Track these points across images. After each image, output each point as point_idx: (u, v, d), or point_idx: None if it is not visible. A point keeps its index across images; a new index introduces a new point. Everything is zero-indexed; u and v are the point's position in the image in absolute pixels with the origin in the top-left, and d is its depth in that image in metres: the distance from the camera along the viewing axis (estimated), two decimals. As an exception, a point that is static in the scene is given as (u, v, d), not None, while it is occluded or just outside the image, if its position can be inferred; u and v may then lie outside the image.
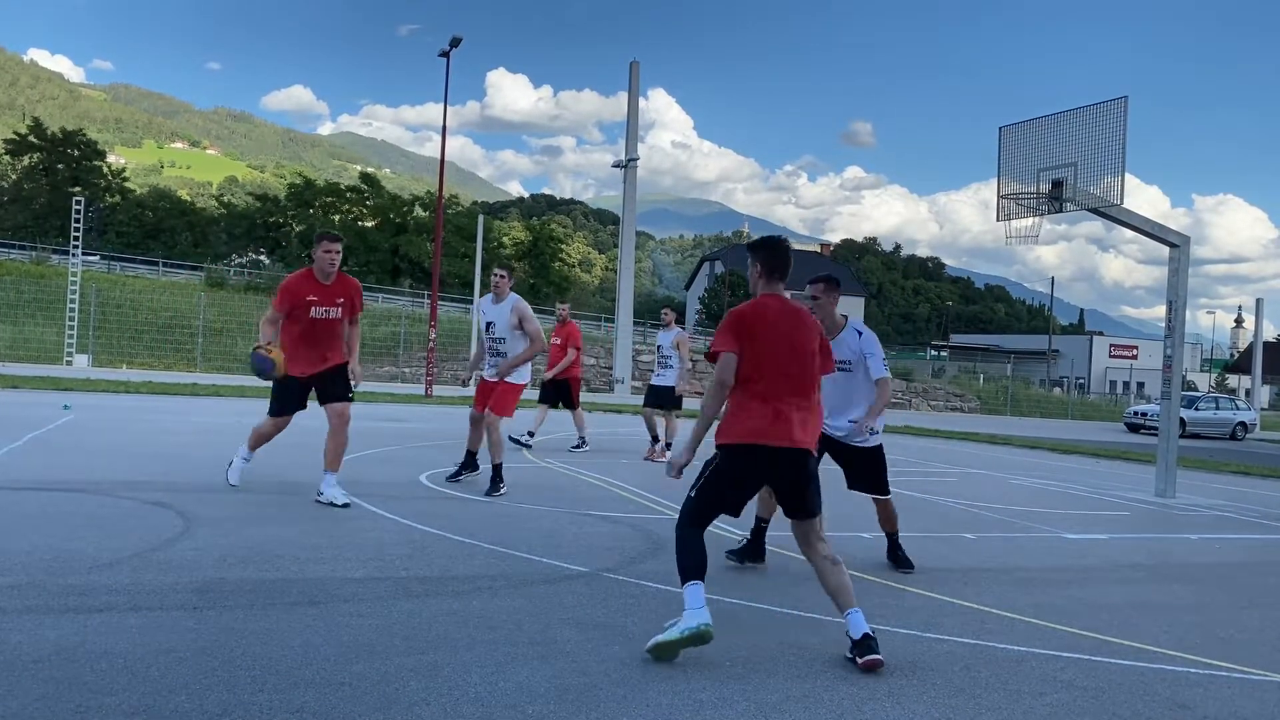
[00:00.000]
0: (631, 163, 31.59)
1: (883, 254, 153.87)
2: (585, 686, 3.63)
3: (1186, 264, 11.87)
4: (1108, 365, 75.82)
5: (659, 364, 12.29)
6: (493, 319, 8.41)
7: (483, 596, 4.88)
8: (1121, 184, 11.14)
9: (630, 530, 7.06)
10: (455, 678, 3.63)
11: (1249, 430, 35.12)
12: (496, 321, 8.37)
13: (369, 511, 7.15)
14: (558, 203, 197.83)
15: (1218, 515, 10.48)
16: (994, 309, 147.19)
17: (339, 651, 3.86)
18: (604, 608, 4.79)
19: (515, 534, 6.57)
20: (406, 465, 10.07)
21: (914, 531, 7.88)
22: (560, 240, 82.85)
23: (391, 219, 64.11)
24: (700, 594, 4.05)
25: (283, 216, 63.64)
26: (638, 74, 32.29)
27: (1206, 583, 6.58)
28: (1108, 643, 4.73)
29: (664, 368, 12.19)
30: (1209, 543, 8.45)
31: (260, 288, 41.69)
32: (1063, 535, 8.23)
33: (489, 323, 8.45)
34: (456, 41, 27.02)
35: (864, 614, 4.14)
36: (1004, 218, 12.17)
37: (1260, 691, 4.14)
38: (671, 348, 12.14)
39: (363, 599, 4.68)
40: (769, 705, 3.56)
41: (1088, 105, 11.39)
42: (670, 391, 12.06)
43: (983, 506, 9.73)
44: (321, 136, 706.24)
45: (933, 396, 42.87)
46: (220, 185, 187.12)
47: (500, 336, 8.35)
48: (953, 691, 3.84)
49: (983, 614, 5.17)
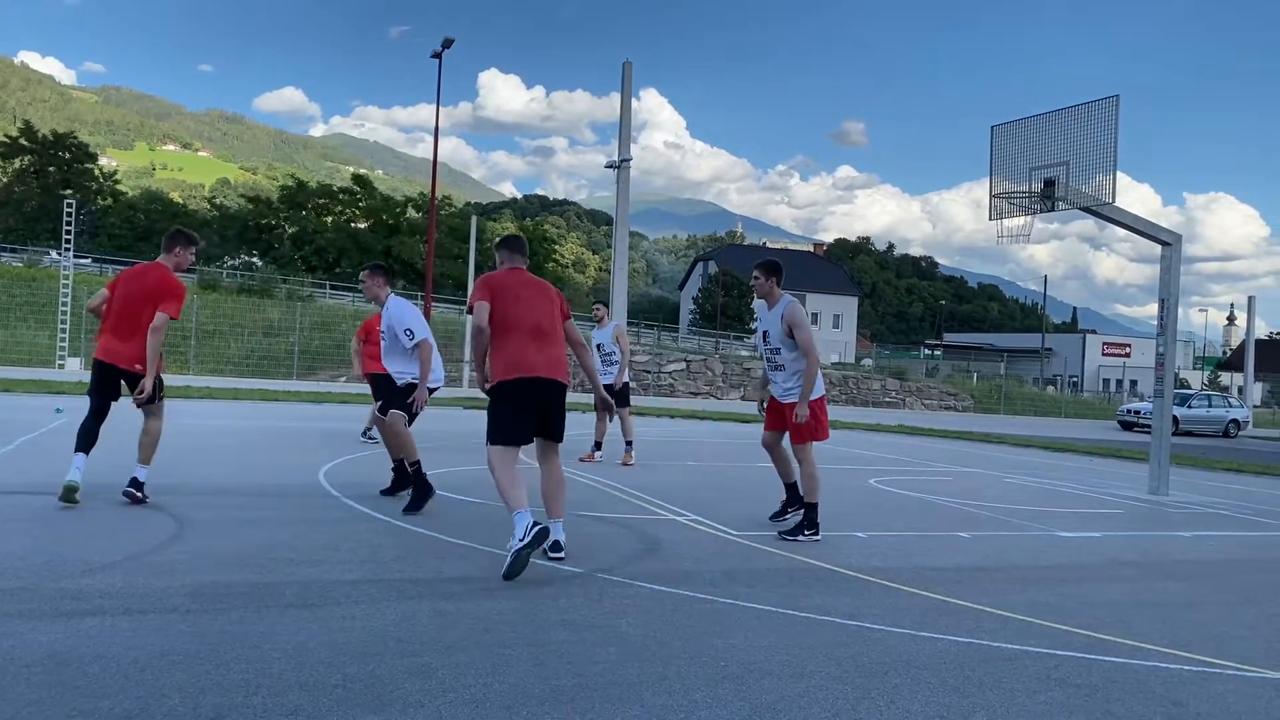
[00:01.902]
0: (624, 163, 31.56)
1: (876, 253, 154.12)
2: (579, 687, 3.62)
3: (1179, 262, 11.90)
4: (1101, 363, 76.02)
5: (601, 362, 11.69)
6: (766, 328, 7.57)
7: (476, 598, 4.87)
8: (1113, 182, 11.16)
9: (624, 531, 7.06)
10: (449, 679, 3.63)
11: (1242, 427, 35.24)
12: (770, 330, 7.52)
13: (362, 513, 7.13)
14: (551, 203, 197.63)
15: (1211, 512, 10.50)
16: (987, 308, 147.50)
17: (332, 654, 3.85)
18: (598, 608, 4.78)
19: (508, 535, 6.55)
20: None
21: (909, 530, 7.89)
22: (554, 241, 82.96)
23: (384, 220, 64.11)
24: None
25: (275, 218, 63.61)
26: (630, 74, 32.26)
27: (1200, 580, 6.59)
28: (1102, 640, 4.74)
29: (608, 365, 11.69)
30: (1202, 540, 8.47)
31: (253, 290, 41.62)
32: (1057, 533, 8.24)
33: (763, 332, 7.63)
34: (449, 43, 27.01)
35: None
36: (996, 217, 12.18)
37: (1254, 689, 4.14)
38: (613, 343, 11.75)
39: (356, 601, 4.66)
40: (764, 705, 3.55)
41: (1079, 104, 11.41)
42: (620, 388, 11.58)
43: (977, 505, 9.74)
44: (314, 138, 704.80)
45: (927, 395, 42.93)
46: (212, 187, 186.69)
47: (776, 347, 7.50)
48: (947, 690, 3.85)
49: (977, 612, 5.17)
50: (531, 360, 5.65)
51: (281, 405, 18.94)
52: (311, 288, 48.72)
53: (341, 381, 30.29)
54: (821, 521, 7.22)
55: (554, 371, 5.74)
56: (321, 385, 27.47)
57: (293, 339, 32.56)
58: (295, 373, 31.07)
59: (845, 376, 42.05)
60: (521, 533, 5.27)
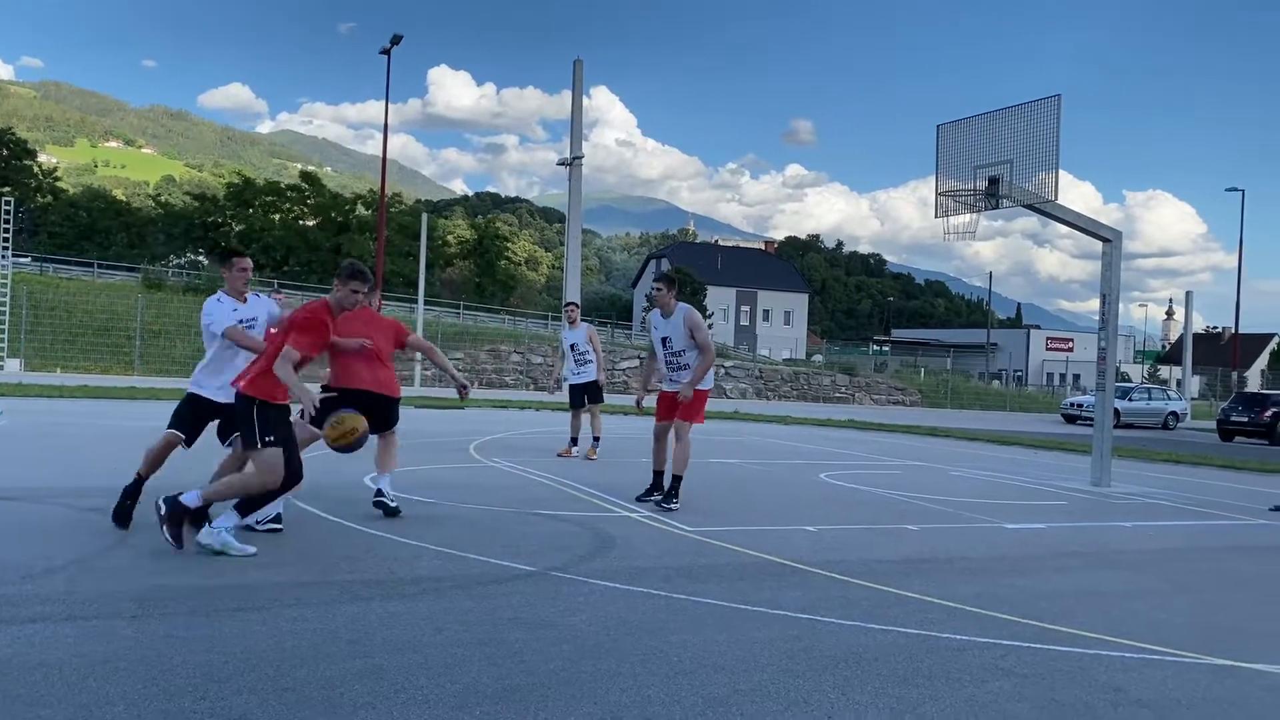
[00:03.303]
0: (576, 161, 31.53)
1: (825, 251, 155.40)
2: (533, 686, 3.62)
3: (1119, 258, 12.15)
4: (1044, 358, 77.37)
5: (576, 362, 12.16)
6: (668, 334, 8.28)
7: (429, 598, 4.85)
8: (1056, 180, 11.37)
9: (578, 529, 7.06)
10: (401, 680, 3.61)
11: (1180, 419, 36.06)
12: (672, 336, 8.25)
13: (312, 514, 7.06)
14: (502, 201, 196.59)
15: (1151, 503, 10.74)
16: (934, 304, 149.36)
17: (282, 657, 3.81)
18: (552, 607, 4.78)
19: (462, 535, 6.53)
20: (351, 467, 9.95)
21: (859, 524, 7.98)
22: (506, 238, 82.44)
23: (333, 218, 63.32)
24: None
25: (222, 216, 62.54)
26: (581, 72, 32.24)
27: (1140, 569, 6.74)
28: (1047, 629, 4.83)
29: (582, 365, 12.11)
30: (1142, 530, 8.67)
31: (199, 289, 40.84)
32: (1003, 525, 8.38)
33: (664, 338, 8.32)
34: (397, 39, 26.77)
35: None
36: (942, 214, 12.34)
37: (1192, 674, 4.26)
38: (587, 343, 12.12)
39: (306, 603, 4.62)
40: (716, 699, 3.58)
41: (1022, 104, 11.59)
42: (595, 386, 12.06)
43: (925, 498, 9.87)
44: (261, 135, 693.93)
45: (875, 390, 43.40)
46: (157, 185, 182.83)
47: (679, 349, 8.25)
48: (897, 681, 3.90)
49: (926, 604, 5.25)
50: None
51: (228, 406, 18.64)
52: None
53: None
54: (773, 516, 7.39)
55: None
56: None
57: (240, 339, 32.04)
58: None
59: (796, 373, 42.34)
60: None
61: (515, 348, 37.73)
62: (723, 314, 69.21)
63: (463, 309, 54.88)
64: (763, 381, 40.13)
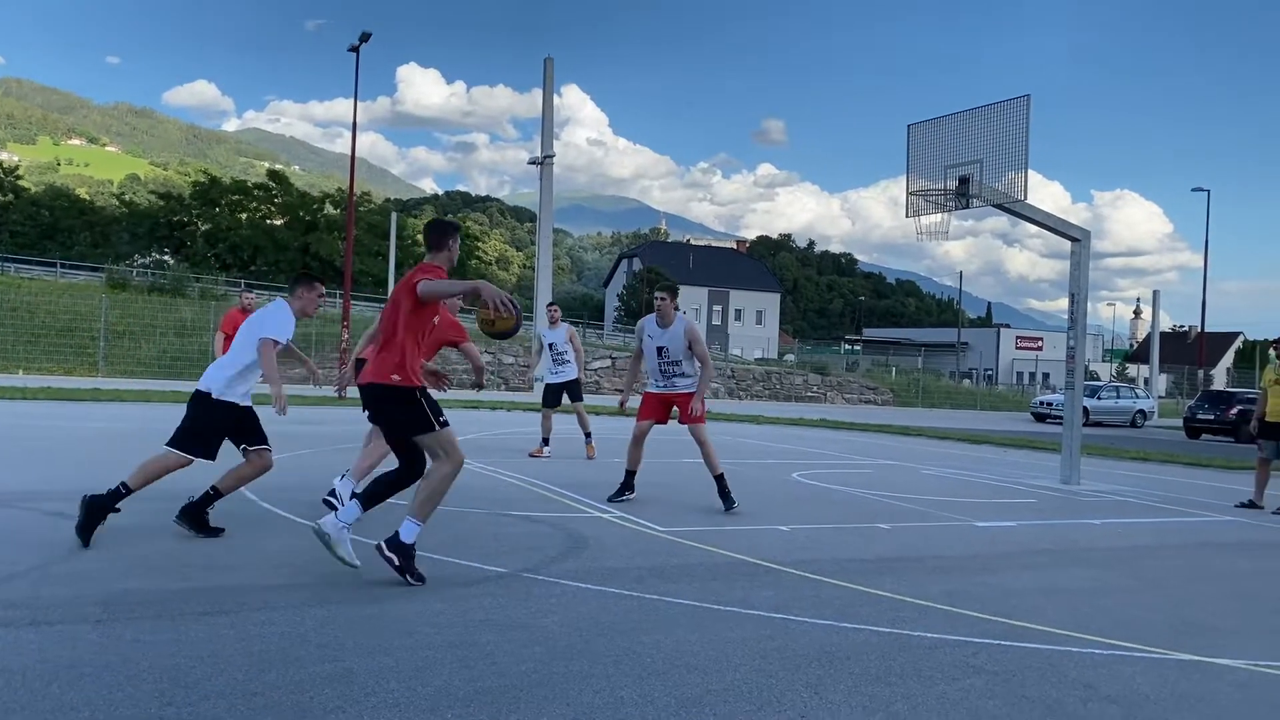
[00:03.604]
0: (547, 160, 31.45)
1: (797, 250, 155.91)
2: (505, 688, 3.60)
3: (1087, 258, 12.26)
4: (1014, 357, 78.04)
5: (555, 362, 12.27)
6: (665, 344, 8.42)
7: (399, 601, 4.81)
8: (1025, 180, 11.46)
9: (550, 529, 7.03)
10: (371, 684, 3.57)
11: (1148, 418, 36.51)
12: (669, 346, 8.41)
13: (281, 517, 6.99)
14: (473, 200, 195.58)
15: (1120, 500, 10.85)
16: (905, 303, 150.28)
17: (250, 661, 3.76)
18: (524, 608, 4.75)
19: (432, 537, 6.48)
20: (319, 469, 9.88)
21: (831, 523, 8.00)
22: (476, 238, 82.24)
23: (301, 217, 62.83)
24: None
25: (188, 215, 61.89)
26: (552, 70, 32.15)
27: (1110, 566, 6.80)
28: (1017, 627, 4.86)
29: (561, 364, 12.22)
30: (1112, 527, 8.75)
31: (164, 289, 40.42)
32: (974, 523, 8.44)
33: (660, 347, 8.45)
34: (366, 36, 26.59)
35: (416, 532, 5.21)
36: (913, 214, 12.41)
37: (1160, 669, 4.29)
38: (566, 342, 12.20)
39: (275, 607, 4.56)
40: (689, 700, 3.57)
41: (992, 104, 11.67)
42: (576, 384, 12.20)
43: (897, 497, 9.92)
44: (227, 133, 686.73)
45: (847, 390, 43.61)
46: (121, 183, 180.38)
47: (676, 359, 8.41)
48: (869, 680, 3.91)
49: (898, 602, 5.27)
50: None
51: (196, 407, 18.43)
52: (226, 286, 47.56)
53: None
54: (745, 515, 7.51)
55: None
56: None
57: (207, 339, 31.74)
58: (210, 373, 30.28)
59: (768, 372, 42.46)
60: None
61: (486, 347, 37.60)
62: (695, 313, 69.38)
63: (433, 309, 54.47)
64: (735, 381, 40.22)
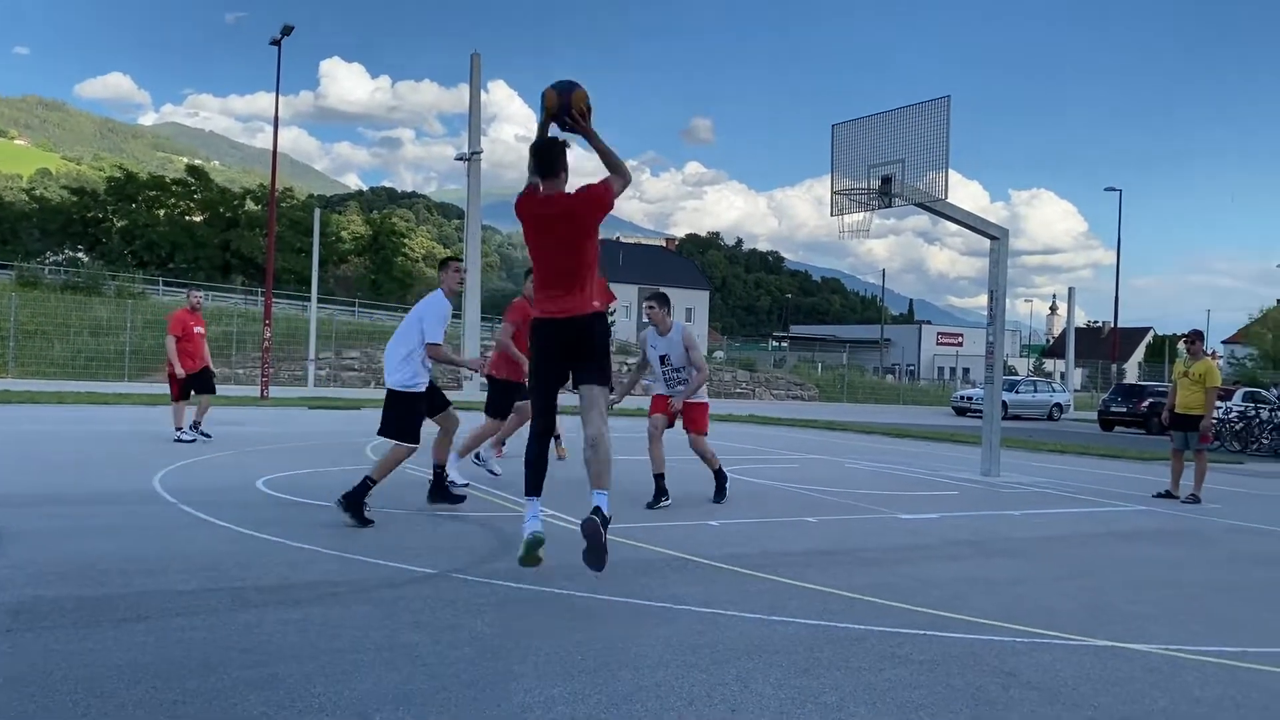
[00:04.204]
0: (475, 155, 31.17)
1: (725, 248, 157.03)
2: (434, 690, 3.56)
3: (1005, 255, 12.55)
4: (935, 352, 79.53)
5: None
6: (666, 351, 8.58)
7: (325, 604, 4.73)
8: (946, 179, 11.68)
9: (479, 529, 6.98)
10: (297, 688, 3.50)
11: (1064, 411, 37.56)
12: (671, 354, 8.56)
13: (201, 520, 6.82)
14: (399, 196, 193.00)
15: (1038, 491, 11.14)
16: (830, 301, 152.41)
17: (170, 668, 3.66)
18: (452, 609, 4.71)
19: (358, 538, 6.39)
20: (243, 471, 9.67)
21: (760, 517, 8.07)
22: (402, 234, 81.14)
23: (221, 213, 61.41)
24: (534, 507, 5.08)
25: (102, 211, 60.07)
26: (479, 66, 31.88)
27: (1029, 556, 6.98)
28: (941, 617, 4.96)
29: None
30: (1031, 518, 8.97)
31: (79, 287, 39.16)
32: (898, 516, 8.59)
33: (662, 355, 8.60)
34: (288, 30, 26.06)
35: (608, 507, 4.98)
36: (838, 213, 12.57)
37: (1078, 655, 4.42)
38: None
39: (196, 612, 4.45)
40: (620, 697, 3.57)
41: (914, 104, 11.87)
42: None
43: (823, 491, 10.05)
44: (144, 127, 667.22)
45: (775, 386, 44.06)
46: (31, 178, 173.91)
47: (679, 366, 8.57)
48: (797, 672, 3.95)
49: (825, 595, 5.34)
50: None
51: (112, 409, 17.93)
52: (143, 284, 46.27)
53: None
54: (676, 511, 7.59)
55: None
56: (156, 387, 26.17)
57: (124, 338, 30.85)
58: (127, 374, 29.44)
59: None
60: None
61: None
62: (625, 310, 69.36)
63: (358, 307, 53.73)
64: (664, 378, 40.33)
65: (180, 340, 12.17)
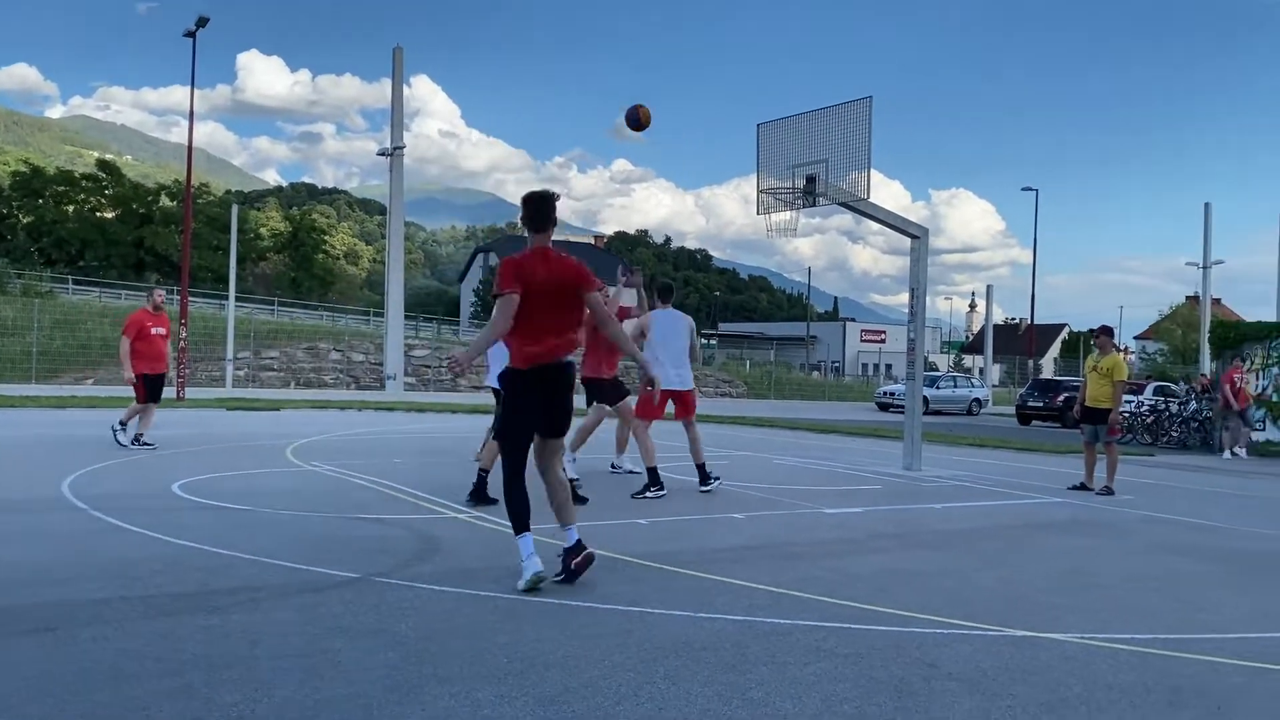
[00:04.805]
0: (397, 151, 30.78)
1: (654, 246, 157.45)
2: (354, 696, 3.49)
3: (926, 254, 12.78)
4: (859, 349, 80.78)
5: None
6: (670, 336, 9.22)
7: (243, 610, 4.61)
8: (868, 179, 11.85)
9: (403, 532, 6.88)
10: (212, 697, 3.41)
11: (983, 406, 38.43)
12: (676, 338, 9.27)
13: (112, 525, 6.60)
14: (319, 192, 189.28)
15: (958, 485, 11.37)
16: (758, 298, 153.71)
17: (80, 679, 3.53)
18: (375, 614, 4.63)
19: (278, 542, 6.25)
20: (157, 474, 9.39)
21: (688, 514, 8.10)
22: (323, 231, 79.83)
23: (135, 209, 59.73)
24: (529, 543, 5.15)
25: (7, 207, 57.98)
26: (401, 60, 31.48)
27: (950, 548, 7.11)
28: (865, 610, 5.02)
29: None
30: (951, 511, 9.15)
31: (-16, 285, 37.74)
32: (823, 510, 8.68)
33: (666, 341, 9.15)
34: (203, 21, 25.41)
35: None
36: (764, 211, 12.67)
37: (998, 646, 4.51)
38: None
39: (107, 621, 4.31)
40: (548, 698, 3.54)
41: (837, 104, 12.01)
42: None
43: (751, 487, 10.12)
44: (51, 120, 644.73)
45: (704, 383, 44.30)
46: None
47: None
48: (725, 668, 3.97)
49: (752, 590, 5.37)
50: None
51: (18, 412, 17.29)
52: (51, 282, 44.78)
53: (89, 384, 28.01)
54: (605, 509, 7.58)
55: None
56: (65, 389, 25.31)
57: (30, 339, 29.79)
58: (34, 376, 28.45)
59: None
60: None
61: (335, 345, 36.54)
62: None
63: (277, 305, 52.65)
64: (591, 376, 40.31)
65: (135, 342, 11.80)
